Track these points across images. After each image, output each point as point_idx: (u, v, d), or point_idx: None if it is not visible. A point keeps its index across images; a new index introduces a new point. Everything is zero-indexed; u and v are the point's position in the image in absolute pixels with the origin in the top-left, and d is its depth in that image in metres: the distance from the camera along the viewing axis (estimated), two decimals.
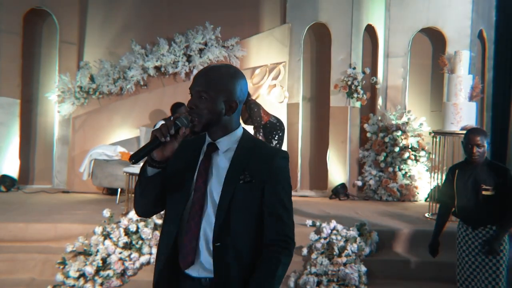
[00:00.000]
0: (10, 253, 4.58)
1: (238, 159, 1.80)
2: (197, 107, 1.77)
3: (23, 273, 4.46)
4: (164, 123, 1.71)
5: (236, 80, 1.81)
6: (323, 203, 6.92)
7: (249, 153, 1.82)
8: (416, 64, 7.88)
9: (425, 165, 7.32)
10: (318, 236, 4.84)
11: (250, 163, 1.80)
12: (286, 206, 1.82)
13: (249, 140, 1.87)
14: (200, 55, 7.51)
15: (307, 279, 4.51)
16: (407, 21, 7.69)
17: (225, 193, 1.76)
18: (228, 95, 1.78)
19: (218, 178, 1.79)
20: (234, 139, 1.83)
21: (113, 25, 7.83)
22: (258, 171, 1.79)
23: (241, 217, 1.78)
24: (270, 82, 7.57)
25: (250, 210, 1.79)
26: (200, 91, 1.76)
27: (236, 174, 1.78)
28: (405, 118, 7.41)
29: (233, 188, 1.76)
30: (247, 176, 1.78)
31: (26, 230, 4.81)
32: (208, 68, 1.84)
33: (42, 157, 7.90)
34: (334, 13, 7.50)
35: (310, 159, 7.98)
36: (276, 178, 1.81)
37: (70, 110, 7.50)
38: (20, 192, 7.16)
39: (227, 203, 1.75)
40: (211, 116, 1.77)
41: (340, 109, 7.48)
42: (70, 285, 4.29)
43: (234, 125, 1.84)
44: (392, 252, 4.98)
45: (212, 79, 1.78)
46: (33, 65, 7.83)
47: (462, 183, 3.61)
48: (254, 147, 1.85)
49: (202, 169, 1.80)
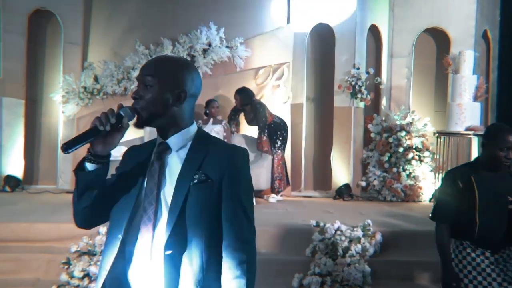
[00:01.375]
0: (15, 253, 4.58)
1: (192, 158, 1.63)
2: (141, 97, 1.61)
3: (28, 273, 4.46)
4: (103, 111, 1.54)
5: (186, 70, 1.67)
6: (327, 204, 6.91)
7: (204, 151, 1.65)
8: (420, 65, 7.86)
9: (429, 166, 7.30)
10: (322, 237, 4.82)
11: (205, 161, 1.62)
12: (246, 210, 1.65)
13: (204, 137, 1.71)
14: (204, 55, 7.52)
15: (311, 279, 4.50)
16: (411, 21, 7.67)
17: (178, 195, 1.58)
18: (175, 84, 1.63)
19: (171, 180, 1.61)
20: (187, 136, 1.67)
21: (117, 26, 7.85)
22: (215, 169, 1.62)
23: (196, 221, 1.58)
24: (274, 83, 7.57)
25: (206, 213, 1.60)
26: (145, 78, 1.61)
27: (190, 174, 1.60)
28: (409, 119, 7.39)
29: (186, 189, 1.58)
30: (202, 175, 1.60)
31: (30, 230, 4.81)
32: (156, 57, 1.72)
33: (46, 158, 7.92)
34: (338, 13, 7.49)
35: (314, 160, 7.96)
36: (236, 178, 1.64)
37: (75, 110, 7.52)
38: (25, 192, 7.19)
39: (179, 206, 1.57)
40: (156, 107, 1.60)
41: (344, 110, 7.47)
42: (74, 285, 4.29)
43: (187, 121, 1.69)
44: (397, 252, 4.95)
45: (158, 66, 1.64)
46: (37, 65, 7.85)
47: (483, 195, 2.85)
48: (210, 144, 1.68)
49: (153, 171, 1.63)
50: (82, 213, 1.65)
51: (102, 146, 1.55)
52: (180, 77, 1.65)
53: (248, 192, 1.69)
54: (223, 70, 7.66)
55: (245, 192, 1.67)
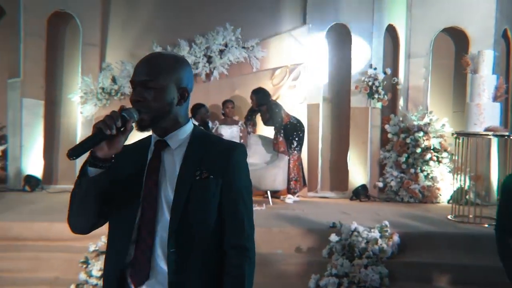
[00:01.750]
0: (35, 251, 4.65)
1: (192, 155, 1.60)
2: (144, 99, 1.54)
3: (47, 271, 4.52)
4: (108, 114, 1.46)
5: (184, 66, 1.63)
6: (344, 204, 6.88)
7: (203, 148, 1.62)
8: (438, 64, 7.79)
9: (447, 167, 7.23)
10: (339, 238, 4.81)
11: (205, 158, 1.60)
12: (247, 206, 1.66)
13: (201, 134, 1.68)
14: (220, 56, 7.54)
15: (327, 280, 4.49)
16: (429, 21, 7.60)
17: (179, 192, 1.56)
18: (178, 82, 1.60)
19: (170, 178, 1.58)
20: (185, 134, 1.64)
21: (134, 27, 7.91)
22: (216, 166, 1.60)
23: (199, 218, 1.58)
24: (290, 83, 7.55)
25: (208, 210, 1.59)
26: (147, 80, 1.55)
27: (191, 171, 1.58)
28: (427, 119, 7.33)
29: (188, 186, 1.56)
30: (203, 172, 1.58)
31: (50, 229, 4.87)
32: (150, 55, 1.63)
33: (65, 158, 7.80)
34: (354, 13, 7.46)
35: (330, 160, 7.94)
36: (237, 175, 1.63)
37: (93, 111, 7.59)
38: (44, 192, 7.28)
39: (182, 204, 1.55)
40: (161, 108, 1.56)
41: (360, 110, 7.44)
42: (93, 284, 4.33)
43: (184, 119, 1.65)
44: (414, 254, 4.91)
45: (158, 66, 1.57)
46: (56, 67, 7.96)
47: None
48: (208, 141, 1.67)
49: (152, 170, 1.59)
50: (82, 217, 1.59)
51: (107, 150, 1.47)
52: (181, 75, 1.61)
53: (248, 188, 1.68)
54: (239, 70, 7.68)
55: (245, 187, 1.66)
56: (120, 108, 1.50)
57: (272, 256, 4.74)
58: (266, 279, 4.46)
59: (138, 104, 1.54)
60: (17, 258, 4.58)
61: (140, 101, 1.55)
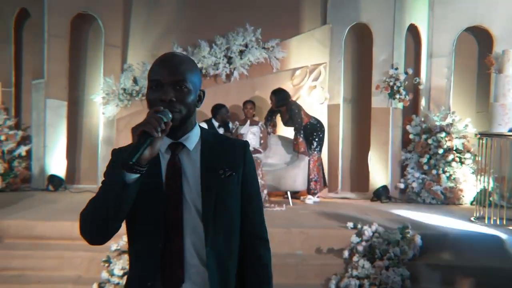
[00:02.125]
0: (58, 250, 4.71)
1: (209, 154, 1.62)
2: (177, 98, 1.53)
3: (70, 270, 4.58)
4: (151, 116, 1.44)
5: (198, 68, 1.66)
6: (365, 206, 6.83)
7: (217, 147, 1.65)
8: (461, 64, 7.68)
9: (470, 168, 7.11)
10: (360, 239, 4.77)
11: (223, 156, 1.64)
12: (260, 199, 1.76)
13: (209, 134, 1.70)
14: (240, 56, 7.56)
15: (348, 282, 4.46)
16: (452, 20, 7.50)
17: (207, 191, 1.58)
18: (198, 85, 1.62)
19: (193, 179, 1.59)
20: (198, 134, 1.66)
21: (155, 28, 7.99)
22: (235, 163, 1.64)
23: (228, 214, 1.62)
24: (310, 83, 7.54)
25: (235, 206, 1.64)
26: (179, 80, 1.54)
27: (214, 170, 1.60)
28: (449, 119, 7.23)
29: (214, 184, 1.59)
30: (226, 170, 1.62)
31: (72, 229, 4.91)
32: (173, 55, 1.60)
33: (87, 158, 8.12)
34: (375, 13, 7.40)
35: (351, 161, 7.89)
36: (252, 170, 1.70)
37: (114, 111, 7.67)
38: (67, 191, 7.38)
39: (212, 202, 1.57)
40: (190, 108, 1.57)
41: (381, 110, 7.38)
42: (115, 283, 4.37)
43: (195, 120, 1.67)
44: (437, 256, 4.85)
45: (185, 67, 1.57)
46: (79, 68, 8.07)
47: None
48: (219, 140, 1.70)
49: (173, 172, 1.58)
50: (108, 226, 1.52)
51: (148, 153, 1.43)
52: (198, 76, 1.63)
53: (258, 182, 1.76)
54: (259, 71, 7.68)
55: (256, 182, 1.74)
56: (157, 110, 1.46)
57: (292, 257, 4.73)
58: (286, 280, 4.45)
59: (170, 104, 1.52)
60: (41, 257, 4.65)
61: (172, 100, 1.52)
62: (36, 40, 7.66)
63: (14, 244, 4.78)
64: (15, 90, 7.96)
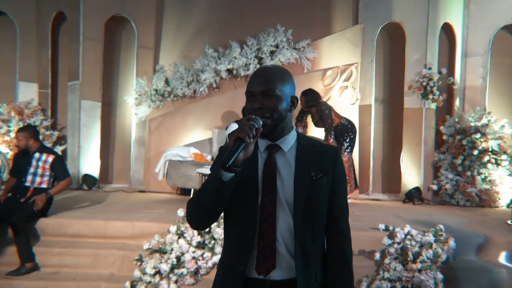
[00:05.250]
0: (92, 248, 4.80)
1: (303, 157, 1.81)
2: (266, 106, 1.75)
3: (104, 268, 4.67)
4: (244, 124, 1.66)
5: (291, 77, 1.84)
6: (396, 207, 6.74)
7: (310, 151, 1.83)
8: (498, 63, 7.50)
9: (507, 170, 6.93)
10: (392, 241, 4.71)
11: (316, 159, 1.82)
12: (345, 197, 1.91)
13: (304, 138, 1.88)
14: (271, 57, 7.56)
15: (380, 284, 4.41)
16: (488, 18, 7.33)
17: (299, 190, 1.76)
18: (289, 92, 1.81)
19: (287, 178, 1.78)
20: (293, 138, 1.84)
21: (187, 30, 8.07)
22: (326, 167, 1.82)
23: (317, 212, 1.80)
24: (341, 84, 7.48)
25: (323, 205, 1.82)
26: (266, 90, 1.75)
27: (307, 171, 1.79)
28: (484, 120, 7.07)
29: (306, 184, 1.77)
30: (318, 173, 1.79)
31: (106, 228, 5.03)
32: (263, 69, 1.84)
33: (120, 158, 8.26)
34: (409, 12, 7.30)
35: (382, 162, 7.80)
36: (342, 173, 1.87)
37: (146, 112, 7.78)
38: (101, 190, 7.52)
39: (303, 200, 1.75)
40: (280, 114, 1.77)
41: (414, 111, 7.27)
42: (146, 282, 4.43)
43: (291, 124, 1.86)
44: (472, 260, 4.75)
45: (274, 77, 1.78)
46: (113, 69, 8.22)
47: None
48: (312, 145, 1.87)
49: (269, 170, 1.79)
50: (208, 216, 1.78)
51: (242, 156, 1.64)
52: (290, 84, 1.82)
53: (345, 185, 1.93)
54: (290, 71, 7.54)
55: (344, 185, 1.91)
56: (248, 118, 1.68)
57: None
58: None
59: (261, 110, 1.74)
60: (76, 254, 4.75)
61: (262, 108, 1.74)
62: (72, 42, 7.83)
63: (51, 242, 4.89)
64: (51, 92, 8.17)
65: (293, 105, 1.82)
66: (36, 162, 5.08)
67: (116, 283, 4.49)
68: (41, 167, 5.07)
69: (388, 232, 4.87)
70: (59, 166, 5.17)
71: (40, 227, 4.99)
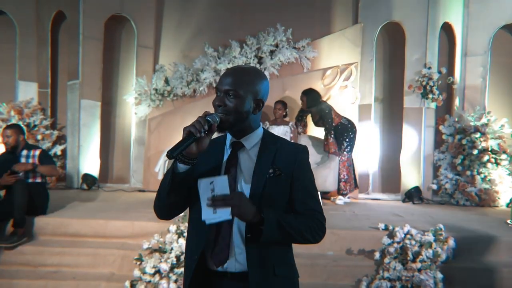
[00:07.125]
0: (92, 248, 4.80)
1: (264, 155, 1.86)
2: (225, 105, 1.80)
3: (104, 267, 4.66)
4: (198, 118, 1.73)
5: (262, 80, 1.86)
6: (396, 207, 6.74)
7: (274, 148, 1.88)
8: (498, 63, 7.50)
9: (506, 169, 6.94)
10: (391, 240, 4.71)
11: (276, 157, 1.86)
12: (315, 196, 1.90)
13: (270, 137, 1.93)
14: (271, 56, 7.56)
15: (379, 283, 4.41)
16: (488, 18, 7.34)
17: (256, 187, 1.80)
18: (255, 94, 1.83)
19: (246, 174, 1.84)
20: (258, 137, 1.90)
21: (187, 29, 8.07)
22: (285, 165, 1.85)
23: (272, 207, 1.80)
24: (341, 83, 7.48)
25: (279, 203, 1.84)
26: (229, 90, 1.79)
27: (264, 169, 1.83)
28: (484, 120, 7.07)
29: (263, 181, 1.81)
30: (276, 170, 1.83)
31: (106, 227, 5.02)
32: (235, 68, 1.87)
33: (120, 157, 8.26)
34: (408, 11, 7.30)
35: (382, 162, 7.81)
36: (303, 171, 1.88)
37: (146, 112, 7.78)
38: (100, 190, 7.52)
39: (258, 197, 1.78)
40: (239, 114, 1.81)
41: (414, 110, 7.27)
42: (146, 281, 4.43)
43: (257, 124, 1.91)
44: (471, 259, 4.74)
45: (240, 78, 1.81)
46: (112, 69, 8.22)
47: None
48: (277, 142, 1.91)
49: (230, 166, 1.85)
50: (169, 207, 1.85)
51: (195, 149, 1.72)
52: (259, 88, 1.85)
53: (312, 181, 1.92)
54: (290, 71, 7.67)
55: (310, 181, 1.91)
56: (205, 113, 1.74)
57: (323, 257, 4.70)
58: (317, 280, 4.44)
59: (220, 108, 1.80)
60: (76, 254, 4.74)
61: (221, 106, 1.80)
62: (72, 42, 7.84)
63: (51, 241, 4.89)
64: (51, 91, 8.17)
65: (257, 107, 1.85)
66: (26, 159, 5.14)
67: (116, 282, 4.49)
68: (31, 162, 5.11)
69: (387, 231, 4.87)
70: (46, 157, 5.28)
71: (40, 227, 4.99)
